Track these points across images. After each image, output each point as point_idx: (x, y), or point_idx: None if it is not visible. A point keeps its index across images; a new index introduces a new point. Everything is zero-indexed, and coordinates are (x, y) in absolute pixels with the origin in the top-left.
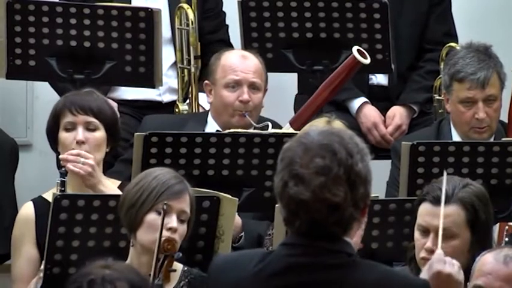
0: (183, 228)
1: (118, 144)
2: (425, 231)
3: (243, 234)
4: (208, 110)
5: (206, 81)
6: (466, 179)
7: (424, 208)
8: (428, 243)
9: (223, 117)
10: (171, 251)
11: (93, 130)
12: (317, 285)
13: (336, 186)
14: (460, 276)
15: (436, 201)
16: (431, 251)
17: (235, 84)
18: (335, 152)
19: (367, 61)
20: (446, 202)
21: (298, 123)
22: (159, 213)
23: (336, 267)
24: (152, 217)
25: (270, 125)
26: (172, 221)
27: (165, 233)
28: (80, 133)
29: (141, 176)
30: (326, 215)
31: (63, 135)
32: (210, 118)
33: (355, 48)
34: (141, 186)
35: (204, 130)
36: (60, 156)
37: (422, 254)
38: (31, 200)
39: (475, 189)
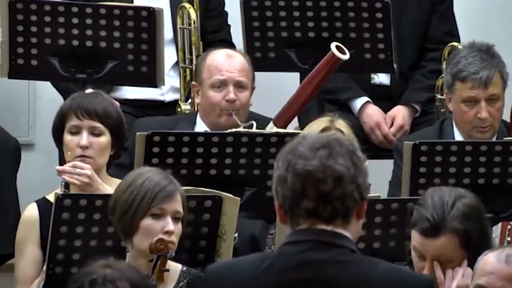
0: (178, 227)
1: (122, 148)
2: (421, 256)
3: (236, 235)
4: (197, 111)
5: (193, 82)
6: (453, 191)
7: (416, 237)
8: (426, 271)
9: (211, 117)
10: (163, 251)
11: (98, 135)
12: (325, 281)
13: (340, 157)
14: None
15: (425, 233)
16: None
17: (221, 84)
18: (337, 139)
19: (346, 57)
20: (438, 233)
21: (281, 121)
22: (154, 217)
23: (342, 263)
24: (148, 222)
25: (255, 124)
26: (169, 224)
27: (163, 237)
28: (84, 138)
29: (130, 179)
30: (331, 187)
31: (68, 138)
32: (198, 119)
33: (333, 45)
34: (132, 191)
35: (193, 131)
36: (57, 168)
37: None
38: (35, 201)
39: (465, 208)
